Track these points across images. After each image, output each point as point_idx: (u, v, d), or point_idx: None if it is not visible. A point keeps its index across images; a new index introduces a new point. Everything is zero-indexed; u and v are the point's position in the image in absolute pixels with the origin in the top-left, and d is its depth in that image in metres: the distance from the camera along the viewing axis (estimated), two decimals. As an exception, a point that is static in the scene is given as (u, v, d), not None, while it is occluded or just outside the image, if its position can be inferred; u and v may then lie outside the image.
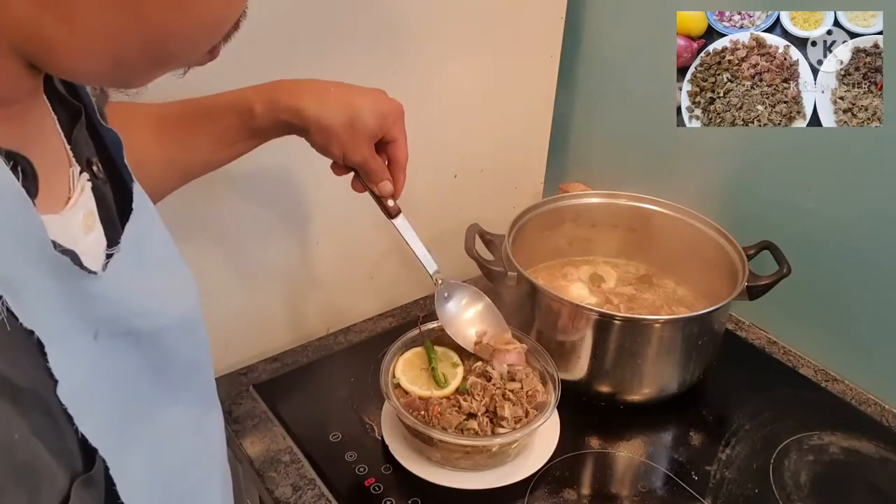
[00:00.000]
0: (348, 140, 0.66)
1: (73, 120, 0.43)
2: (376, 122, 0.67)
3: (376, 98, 0.67)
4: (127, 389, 0.42)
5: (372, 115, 0.66)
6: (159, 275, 0.48)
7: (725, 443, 0.82)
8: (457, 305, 0.80)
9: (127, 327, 0.41)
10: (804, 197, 0.92)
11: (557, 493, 0.75)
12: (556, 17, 1.06)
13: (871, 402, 0.90)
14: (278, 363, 0.93)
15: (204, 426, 0.54)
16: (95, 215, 0.43)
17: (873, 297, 0.89)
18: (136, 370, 0.44)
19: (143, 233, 0.46)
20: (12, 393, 0.32)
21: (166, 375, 0.47)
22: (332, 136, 0.66)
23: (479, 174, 1.08)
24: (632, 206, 0.99)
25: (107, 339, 0.40)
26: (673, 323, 0.82)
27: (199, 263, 0.84)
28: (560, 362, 0.81)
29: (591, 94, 1.14)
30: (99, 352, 0.39)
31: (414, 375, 0.78)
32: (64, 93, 0.43)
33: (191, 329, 0.50)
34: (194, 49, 0.38)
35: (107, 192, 0.44)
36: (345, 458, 0.78)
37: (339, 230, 0.96)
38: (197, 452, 0.52)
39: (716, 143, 0.99)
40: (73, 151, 0.42)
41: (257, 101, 0.64)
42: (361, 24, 0.85)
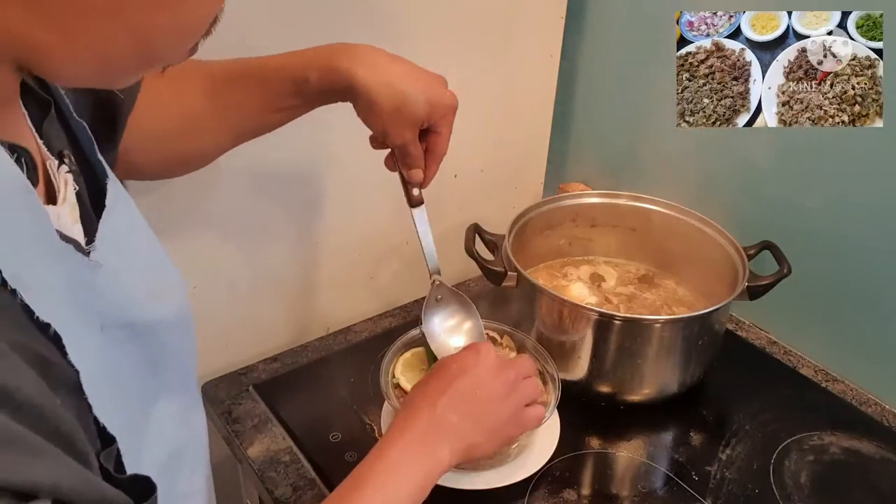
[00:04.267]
0: (392, 122, 0.65)
1: (44, 113, 0.44)
2: (425, 111, 0.65)
3: (432, 87, 0.66)
4: (126, 380, 0.43)
5: (423, 104, 0.65)
6: (144, 271, 0.48)
7: (725, 443, 0.82)
8: (444, 313, 0.78)
9: (127, 319, 0.42)
10: (804, 197, 0.92)
11: (557, 494, 0.75)
12: (556, 17, 1.06)
13: (871, 402, 0.90)
14: (278, 363, 0.93)
15: (189, 419, 0.55)
16: (76, 207, 0.43)
17: (873, 298, 0.89)
18: (135, 362, 0.45)
19: (121, 230, 0.46)
20: (42, 367, 0.32)
21: (159, 368, 0.48)
22: (376, 114, 0.64)
23: (479, 174, 1.08)
24: (632, 206, 0.99)
25: (112, 330, 0.41)
26: (673, 323, 0.82)
27: (199, 263, 0.84)
28: (560, 362, 0.81)
29: (591, 94, 1.13)
30: (106, 343, 0.40)
31: (414, 375, 0.78)
32: (34, 86, 0.44)
33: (183, 324, 0.51)
34: (180, 46, 0.39)
35: (81, 185, 0.45)
36: (345, 458, 0.78)
37: (340, 230, 0.96)
38: (184, 443, 0.53)
39: (716, 143, 0.99)
40: (44, 143, 0.43)
41: (314, 68, 0.63)
42: (361, 23, 0.84)
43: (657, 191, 0.99)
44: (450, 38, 0.94)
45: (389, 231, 1.02)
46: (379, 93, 0.63)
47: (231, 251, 0.87)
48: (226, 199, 0.84)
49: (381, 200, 0.98)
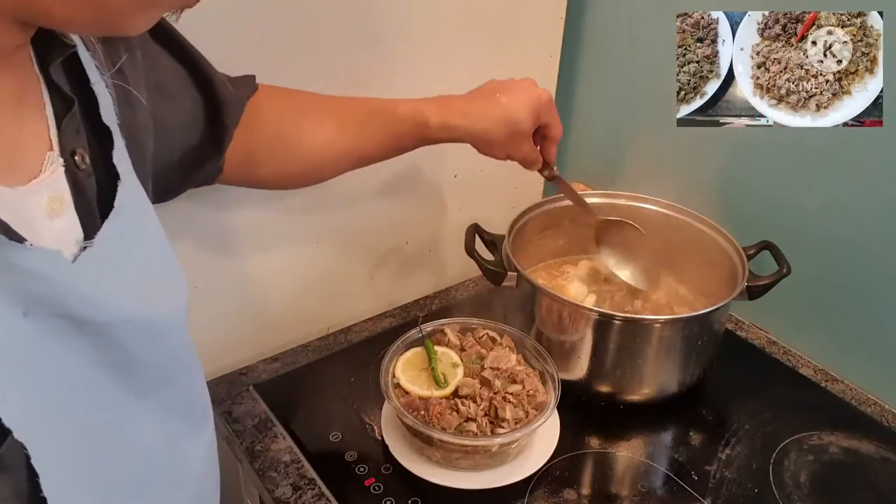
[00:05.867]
0: (510, 145, 0.75)
1: (67, 110, 0.44)
2: (532, 122, 0.74)
3: (529, 96, 0.73)
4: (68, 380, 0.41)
5: (528, 118, 0.73)
6: (139, 278, 0.46)
7: (725, 443, 0.82)
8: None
9: (65, 311, 0.40)
10: (804, 197, 0.92)
11: (557, 493, 0.75)
12: (556, 17, 1.06)
13: (871, 402, 0.90)
14: (278, 363, 0.93)
15: (182, 449, 0.52)
16: (66, 202, 0.42)
17: (873, 298, 0.89)
18: (84, 362, 0.42)
19: (127, 233, 0.45)
20: None
21: (131, 379, 0.46)
22: (495, 146, 0.75)
23: (479, 174, 1.08)
24: (632, 206, 0.99)
25: (40, 319, 0.38)
26: (672, 323, 0.82)
27: (199, 263, 0.84)
28: (560, 362, 0.81)
29: (591, 95, 1.14)
30: (29, 330, 0.38)
31: (414, 375, 0.78)
32: (62, 86, 0.44)
33: (161, 334, 0.48)
34: None
35: (89, 185, 0.44)
36: (345, 458, 0.78)
37: (340, 230, 0.96)
38: (163, 475, 0.50)
39: (716, 143, 0.99)
40: (59, 139, 0.43)
41: (433, 116, 0.72)
42: (361, 23, 0.85)
43: (657, 191, 0.99)
44: (450, 39, 0.94)
45: (389, 231, 1.02)
46: (492, 131, 0.73)
47: (231, 251, 0.87)
48: (226, 199, 0.84)
49: (381, 201, 0.98)
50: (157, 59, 0.60)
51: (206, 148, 0.66)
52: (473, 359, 0.80)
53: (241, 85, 0.69)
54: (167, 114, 0.60)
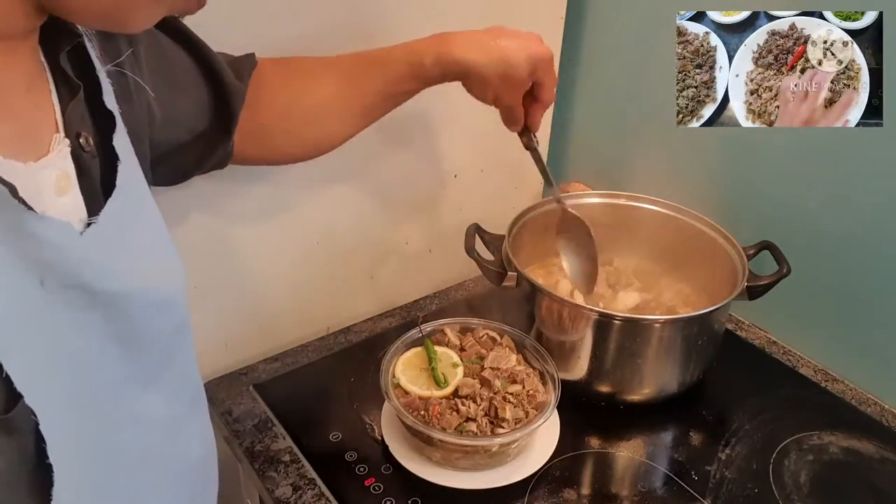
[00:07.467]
0: (502, 88, 0.73)
1: (72, 95, 0.45)
2: (528, 72, 0.72)
3: (530, 47, 0.72)
4: (79, 354, 0.42)
5: (525, 65, 0.71)
6: (141, 255, 0.48)
7: (725, 443, 0.82)
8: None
9: (78, 280, 0.41)
10: (804, 197, 0.92)
11: (557, 493, 0.75)
12: (556, 17, 1.06)
13: (871, 402, 0.90)
14: (278, 363, 0.93)
15: (181, 432, 0.54)
16: (73, 180, 0.44)
17: (873, 297, 0.89)
18: (96, 334, 0.43)
19: (128, 213, 0.47)
20: None
21: (138, 353, 0.47)
22: (488, 86, 0.72)
23: (479, 174, 1.08)
24: (632, 206, 0.99)
25: (55, 290, 0.40)
26: (673, 323, 0.82)
27: (199, 263, 0.84)
28: (560, 362, 0.81)
29: (591, 94, 1.13)
30: (45, 301, 0.39)
31: (414, 375, 0.78)
32: (68, 71, 0.45)
33: (167, 306, 0.50)
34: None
35: (93, 166, 0.46)
36: (345, 458, 0.78)
37: (340, 230, 0.96)
38: (160, 457, 0.51)
39: (716, 143, 0.99)
40: (64, 122, 0.44)
41: (428, 53, 0.71)
42: (360, 23, 0.85)
43: (657, 191, 0.99)
44: (450, 39, 0.94)
45: (389, 231, 1.02)
46: (489, 68, 0.70)
47: (231, 251, 0.87)
48: (226, 199, 0.84)
49: (381, 200, 0.98)
50: (166, 52, 0.62)
51: (215, 133, 0.68)
52: (473, 359, 0.80)
53: (242, 65, 0.70)
54: (177, 104, 0.63)
